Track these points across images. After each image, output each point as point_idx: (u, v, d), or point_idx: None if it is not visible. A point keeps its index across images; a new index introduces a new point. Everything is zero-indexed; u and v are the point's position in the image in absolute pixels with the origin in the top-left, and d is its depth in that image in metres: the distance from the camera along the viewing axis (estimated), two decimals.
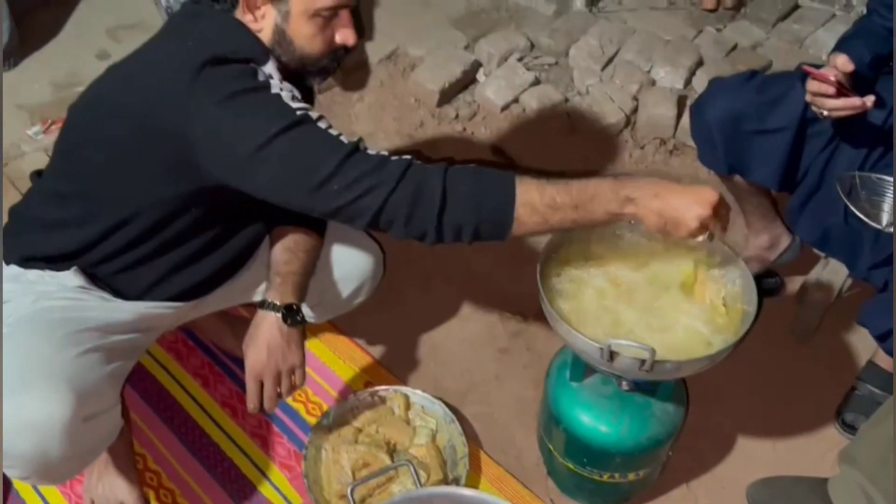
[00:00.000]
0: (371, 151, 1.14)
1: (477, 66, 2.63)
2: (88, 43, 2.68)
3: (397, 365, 1.82)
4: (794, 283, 1.98)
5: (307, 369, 1.40)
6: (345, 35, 1.23)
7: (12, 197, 1.42)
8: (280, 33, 1.19)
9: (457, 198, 1.10)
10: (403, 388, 1.69)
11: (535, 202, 1.10)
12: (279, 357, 1.34)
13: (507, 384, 1.80)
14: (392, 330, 1.85)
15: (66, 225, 1.30)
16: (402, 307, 1.87)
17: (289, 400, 1.71)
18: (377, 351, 1.83)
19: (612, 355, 1.17)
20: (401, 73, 2.61)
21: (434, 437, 1.62)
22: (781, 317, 1.90)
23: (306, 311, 1.45)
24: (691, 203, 1.09)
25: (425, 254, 2.07)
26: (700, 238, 1.12)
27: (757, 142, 1.59)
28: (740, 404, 1.76)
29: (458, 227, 1.12)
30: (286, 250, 1.43)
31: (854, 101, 1.37)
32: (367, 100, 2.51)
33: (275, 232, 1.47)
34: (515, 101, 2.53)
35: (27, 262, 1.32)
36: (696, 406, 1.52)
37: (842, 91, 1.38)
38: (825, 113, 1.42)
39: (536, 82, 2.57)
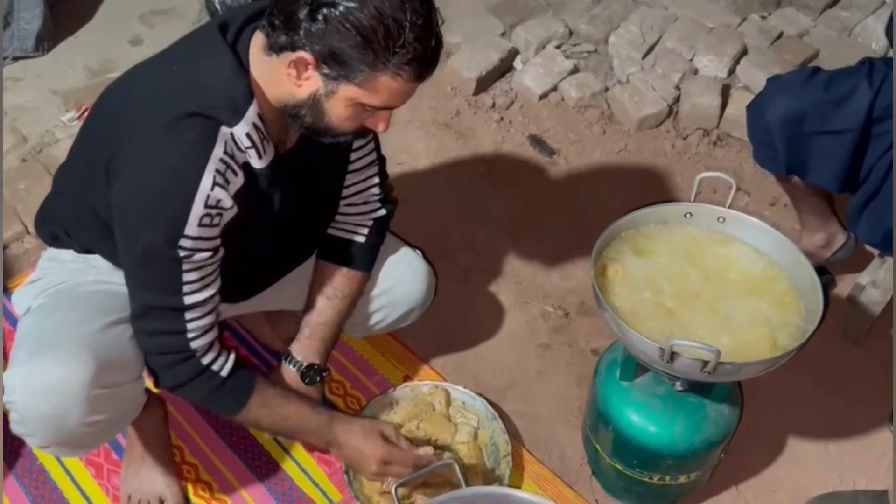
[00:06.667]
0: (192, 316, 1.18)
1: (514, 53, 2.58)
2: (122, 29, 2.65)
3: (436, 360, 1.78)
4: (844, 281, 1.92)
5: (345, 362, 1.47)
6: (377, 125, 1.16)
7: (47, 186, 1.41)
8: (316, 101, 1.10)
9: (189, 392, 1.26)
10: (444, 384, 1.65)
11: (261, 421, 1.33)
12: None
13: (549, 381, 1.75)
14: (430, 324, 1.80)
15: (76, 225, 1.30)
16: (440, 301, 1.82)
17: (327, 393, 1.68)
18: (415, 345, 1.79)
19: (673, 356, 1.12)
20: None
21: (476, 434, 1.58)
22: (833, 316, 1.82)
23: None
24: (363, 461, 1.37)
25: (463, 247, 2.03)
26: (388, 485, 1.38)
27: (818, 143, 1.53)
28: (791, 406, 1.70)
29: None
30: (323, 297, 1.43)
31: None
32: None
33: (318, 265, 1.46)
34: (554, 89, 2.47)
35: (58, 243, 1.34)
36: (746, 407, 1.46)
37: None
38: None
39: (575, 70, 2.51)
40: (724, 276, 1.29)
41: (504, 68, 2.55)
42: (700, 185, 1.38)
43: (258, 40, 1.12)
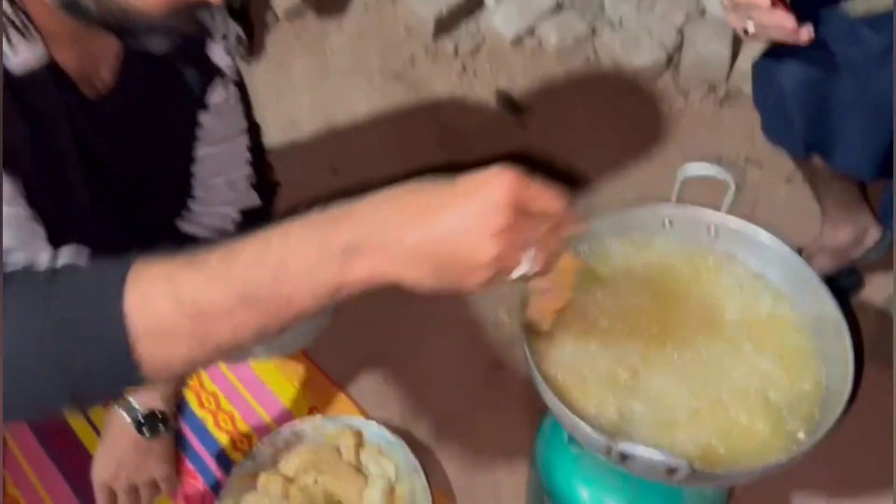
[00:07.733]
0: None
1: None
2: None
3: (355, 384, 1.42)
4: (872, 283, 1.54)
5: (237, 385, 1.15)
6: None
7: None
8: None
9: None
10: (356, 420, 1.30)
11: (168, 319, 0.55)
12: (131, 470, 1.14)
13: (495, 414, 1.40)
14: (350, 337, 1.45)
15: None
16: (366, 305, 1.46)
17: (212, 427, 1.34)
18: (329, 365, 1.43)
19: (624, 457, 0.76)
20: None
21: (392, 490, 1.24)
22: (859, 329, 1.46)
23: None
24: (470, 236, 0.57)
25: None
26: (522, 271, 0.59)
27: (848, 113, 1.14)
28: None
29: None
30: None
31: (788, 20, 1.02)
32: (346, 29, 2.06)
33: None
34: (530, 32, 2.07)
35: None
36: None
37: (776, 3, 1.03)
38: (750, 30, 1.06)
39: (557, 9, 2.10)
40: (711, 316, 0.91)
41: (471, 6, 2.13)
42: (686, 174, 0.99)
43: None
